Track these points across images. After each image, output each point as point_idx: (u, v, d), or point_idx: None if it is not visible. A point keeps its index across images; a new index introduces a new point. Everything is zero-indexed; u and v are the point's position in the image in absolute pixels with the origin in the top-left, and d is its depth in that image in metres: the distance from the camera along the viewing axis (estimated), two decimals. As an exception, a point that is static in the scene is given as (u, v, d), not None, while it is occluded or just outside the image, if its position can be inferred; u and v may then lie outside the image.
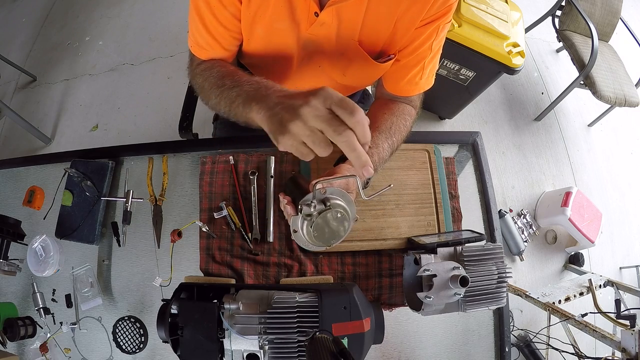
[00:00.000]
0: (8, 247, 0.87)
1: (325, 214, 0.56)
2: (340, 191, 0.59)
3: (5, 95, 2.30)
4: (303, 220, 0.57)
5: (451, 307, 0.71)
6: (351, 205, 0.60)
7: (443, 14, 0.67)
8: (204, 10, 0.66)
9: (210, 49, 0.72)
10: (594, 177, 2.29)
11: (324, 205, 0.56)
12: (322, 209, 0.56)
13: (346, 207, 0.58)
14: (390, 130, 0.75)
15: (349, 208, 0.59)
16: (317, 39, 0.69)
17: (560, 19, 2.16)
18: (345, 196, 0.60)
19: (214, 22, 0.67)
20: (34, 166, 0.97)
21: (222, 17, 0.67)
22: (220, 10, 0.66)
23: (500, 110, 2.34)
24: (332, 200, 0.57)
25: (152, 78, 2.26)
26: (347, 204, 0.59)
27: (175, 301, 0.63)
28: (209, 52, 0.73)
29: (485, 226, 0.93)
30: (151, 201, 0.88)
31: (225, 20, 0.67)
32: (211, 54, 0.73)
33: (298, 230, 0.59)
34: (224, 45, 0.72)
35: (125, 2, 2.53)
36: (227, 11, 0.66)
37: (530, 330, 1.72)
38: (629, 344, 1.17)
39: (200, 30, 0.69)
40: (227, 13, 0.66)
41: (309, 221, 0.56)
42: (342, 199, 0.59)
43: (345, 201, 0.59)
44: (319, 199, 0.56)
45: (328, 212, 0.56)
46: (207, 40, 0.70)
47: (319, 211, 0.56)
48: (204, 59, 0.74)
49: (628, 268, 2.12)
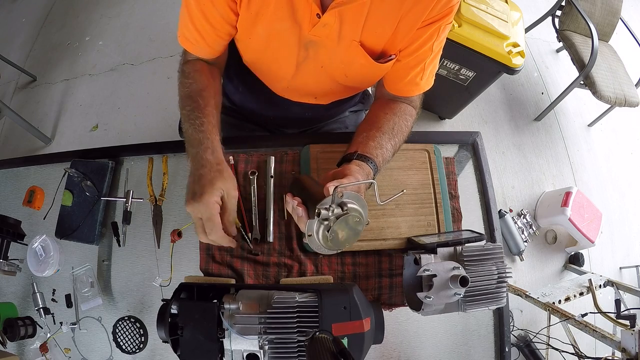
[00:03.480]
0: (8, 247, 0.87)
1: (342, 218, 0.55)
2: (355, 195, 0.59)
3: (5, 95, 2.30)
4: (319, 224, 0.56)
5: (451, 307, 0.71)
6: (365, 209, 0.60)
7: (445, 15, 0.67)
8: (193, 6, 0.67)
9: (196, 43, 0.74)
10: (594, 177, 2.29)
11: (342, 209, 0.55)
12: (339, 213, 0.55)
13: (362, 211, 0.58)
14: (392, 131, 0.76)
15: (364, 212, 0.59)
16: (318, 40, 0.69)
17: (560, 19, 2.16)
18: (360, 200, 0.59)
19: (201, 19, 0.68)
20: (34, 166, 0.97)
21: (210, 16, 0.68)
22: (209, 9, 0.67)
23: (500, 110, 2.34)
24: (349, 205, 0.56)
25: (152, 78, 2.26)
26: (362, 208, 0.59)
27: (175, 301, 0.63)
28: (195, 46, 0.75)
29: (485, 226, 0.93)
30: (151, 201, 0.88)
31: (214, 20, 0.69)
32: (197, 48, 0.76)
33: (313, 234, 0.59)
34: (209, 43, 0.74)
35: (125, 2, 2.53)
36: (217, 11, 0.67)
37: (530, 330, 1.72)
38: (629, 344, 1.17)
39: (188, 24, 0.71)
40: (217, 13, 0.67)
41: (325, 225, 0.56)
42: (357, 202, 0.58)
43: (360, 205, 0.58)
44: (336, 203, 0.56)
45: (346, 217, 0.55)
46: (194, 35, 0.72)
47: (337, 215, 0.55)
48: (191, 52, 0.77)
49: (628, 268, 2.12)
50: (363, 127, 0.77)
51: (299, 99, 0.92)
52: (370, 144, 0.71)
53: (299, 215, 0.61)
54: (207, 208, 0.62)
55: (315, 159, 0.87)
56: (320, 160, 0.87)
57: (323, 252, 0.62)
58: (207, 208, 0.62)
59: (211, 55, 0.78)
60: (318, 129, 1.12)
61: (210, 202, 0.62)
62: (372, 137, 0.73)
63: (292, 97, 0.92)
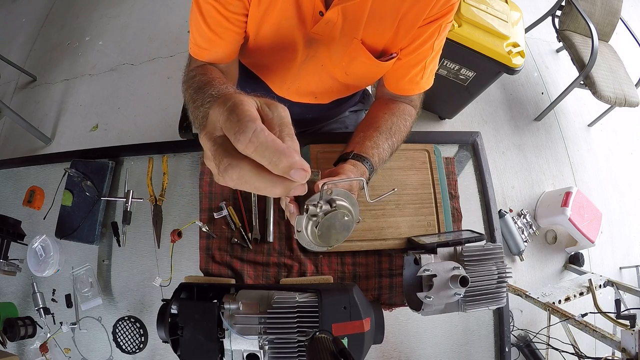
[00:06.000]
0: (8, 247, 0.87)
1: (330, 215, 0.56)
2: (345, 192, 0.59)
3: (5, 95, 2.30)
4: (308, 221, 0.57)
5: (451, 307, 0.71)
6: (355, 207, 0.60)
7: (445, 13, 0.67)
8: (206, 7, 0.65)
9: (210, 47, 0.71)
10: (594, 177, 2.29)
11: (330, 206, 0.56)
12: (328, 209, 0.55)
13: (351, 209, 0.58)
14: (390, 131, 0.75)
15: (353, 210, 0.59)
16: (320, 38, 0.70)
17: (560, 19, 2.16)
18: (350, 198, 0.59)
19: (217, 17, 0.66)
20: (34, 166, 0.97)
21: (227, 12, 0.65)
22: (230, 3, 0.64)
23: (500, 110, 2.34)
24: (338, 202, 0.57)
25: (152, 78, 2.26)
26: (352, 205, 0.59)
27: (175, 301, 0.63)
28: (209, 50, 0.71)
29: (485, 226, 0.93)
30: (151, 201, 0.88)
31: (231, 16, 0.66)
32: (211, 53, 0.72)
33: (302, 230, 0.59)
34: (225, 39, 0.70)
35: (125, 2, 2.53)
36: (234, 6, 0.65)
37: (530, 330, 1.72)
38: (629, 344, 1.17)
39: (201, 27, 0.68)
40: (235, 6, 0.65)
41: (313, 221, 0.56)
42: (347, 200, 0.59)
43: (350, 203, 0.59)
44: (325, 200, 0.56)
45: (334, 213, 0.56)
46: (208, 37, 0.69)
47: (325, 212, 0.55)
48: (203, 60, 0.73)
49: (628, 268, 2.12)
50: (361, 127, 0.78)
51: (299, 99, 0.92)
52: (366, 144, 0.71)
53: (291, 211, 0.61)
54: (235, 102, 0.34)
55: (315, 158, 0.87)
56: (320, 160, 0.87)
57: (313, 248, 0.62)
58: (234, 103, 0.34)
59: (226, 56, 0.74)
60: (318, 129, 1.12)
61: (240, 97, 0.35)
62: (369, 136, 0.73)
63: (293, 97, 0.92)
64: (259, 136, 0.31)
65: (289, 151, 0.32)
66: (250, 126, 0.31)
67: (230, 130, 0.32)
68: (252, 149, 0.31)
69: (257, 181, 0.33)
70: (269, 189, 0.34)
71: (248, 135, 0.31)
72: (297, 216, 0.58)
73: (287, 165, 0.31)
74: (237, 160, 0.32)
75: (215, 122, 0.34)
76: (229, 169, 0.32)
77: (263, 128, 0.32)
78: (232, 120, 0.32)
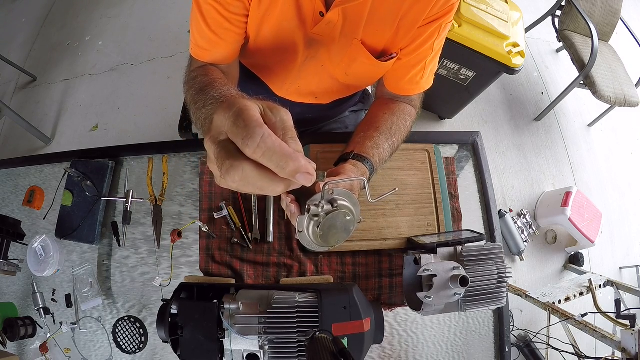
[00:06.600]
0: (8, 247, 0.87)
1: (332, 214, 0.56)
2: (346, 192, 0.59)
3: (5, 95, 2.30)
4: (310, 221, 0.57)
5: (451, 307, 0.71)
6: (356, 207, 0.60)
7: (445, 13, 0.67)
8: (207, 7, 0.65)
9: (211, 47, 0.71)
10: (594, 177, 2.29)
11: (332, 206, 0.56)
12: (329, 209, 0.55)
13: (352, 209, 0.58)
14: (390, 131, 0.75)
15: (355, 210, 0.59)
16: (320, 38, 0.70)
17: (560, 19, 2.16)
18: (352, 198, 0.60)
19: (217, 17, 0.66)
20: (34, 166, 0.97)
21: (228, 13, 0.65)
22: (230, 4, 0.64)
23: (500, 110, 2.34)
24: (340, 202, 0.57)
25: (152, 78, 2.26)
26: (353, 205, 0.59)
27: (175, 301, 0.63)
28: (210, 51, 0.71)
29: (485, 226, 0.93)
30: (151, 201, 0.88)
31: (231, 16, 0.66)
32: (212, 54, 0.72)
33: (303, 230, 0.59)
34: (226, 39, 0.70)
35: (125, 2, 2.53)
36: (235, 7, 0.65)
37: (530, 330, 1.72)
38: (629, 344, 1.17)
39: (202, 28, 0.67)
40: (235, 7, 0.65)
41: (315, 221, 0.56)
42: (348, 200, 0.59)
43: (351, 203, 0.59)
44: (326, 200, 0.56)
45: (335, 213, 0.56)
46: (209, 38, 0.69)
47: (327, 212, 0.55)
48: (205, 61, 0.73)
49: (628, 268, 2.12)
50: (361, 127, 0.78)
51: (299, 99, 0.92)
52: (367, 144, 0.71)
53: (292, 212, 0.61)
54: (241, 108, 0.34)
55: (315, 158, 0.87)
56: (320, 160, 0.87)
57: (315, 248, 0.62)
58: (240, 109, 0.34)
59: (226, 57, 0.74)
60: (318, 129, 1.12)
61: (245, 103, 0.35)
62: (370, 137, 0.73)
63: (293, 97, 0.92)
64: (267, 141, 0.32)
65: (295, 155, 0.33)
66: (258, 132, 0.32)
67: (238, 135, 0.33)
68: (260, 153, 0.32)
69: (259, 181, 0.34)
70: (271, 188, 0.35)
71: (256, 141, 0.32)
72: (298, 216, 0.58)
73: (294, 169, 0.33)
74: (240, 161, 0.33)
75: (220, 127, 0.35)
76: (231, 170, 0.33)
77: (270, 133, 0.33)
78: (239, 125, 0.33)
